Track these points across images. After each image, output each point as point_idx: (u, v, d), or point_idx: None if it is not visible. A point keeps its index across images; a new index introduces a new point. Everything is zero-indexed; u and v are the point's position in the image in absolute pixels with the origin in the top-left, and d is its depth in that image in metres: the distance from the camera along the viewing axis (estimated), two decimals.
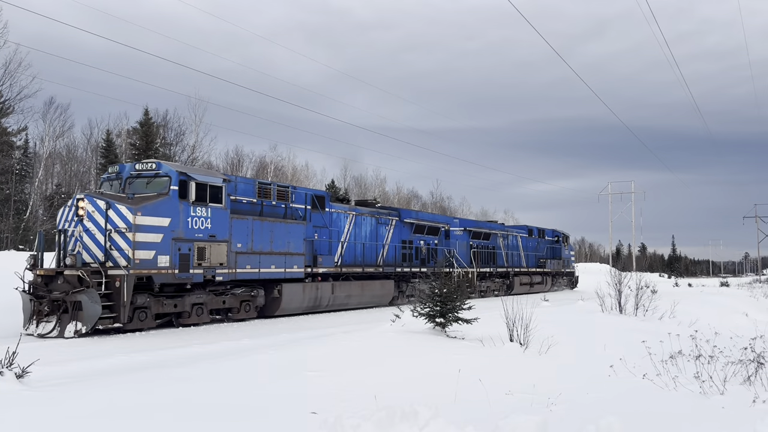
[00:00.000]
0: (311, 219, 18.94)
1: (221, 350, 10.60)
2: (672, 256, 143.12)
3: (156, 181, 14.37)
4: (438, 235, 26.58)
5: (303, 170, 63.93)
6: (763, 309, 20.95)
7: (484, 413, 4.74)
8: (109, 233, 13.25)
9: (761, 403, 6.45)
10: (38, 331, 12.66)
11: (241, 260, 15.93)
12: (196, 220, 14.67)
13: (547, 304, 20.58)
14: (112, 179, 15.06)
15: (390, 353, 9.00)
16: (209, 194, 15.03)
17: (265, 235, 16.76)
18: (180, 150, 47.29)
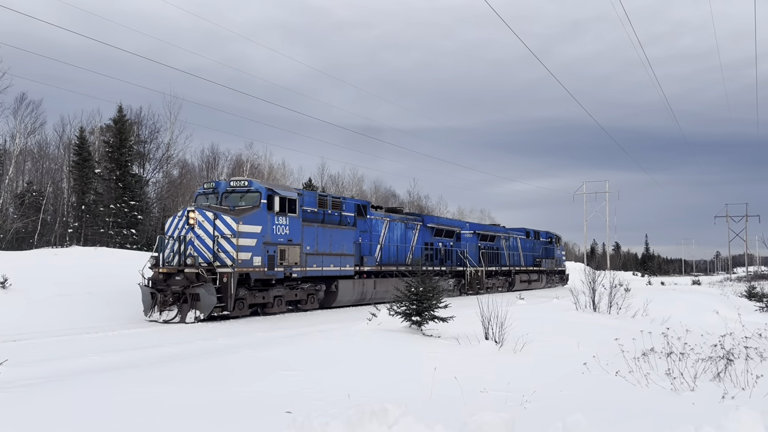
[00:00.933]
0: (357, 225, 22.03)
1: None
2: (645, 254, 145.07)
3: (248, 196, 17.39)
4: (453, 238, 29.60)
5: (279, 168, 63.61)
6: (733, 307, 21.30)
7: (458, 411, 4.75)
8: (217, 239, 16.12)
9: (730, 398, 6.56)
10: (162, 317, 15.49)
11: (310, 260, 19.09)
12: (278, 227, 17.83)
13: (523, 302, 20.73)
14: (208, 193, 18.02)
15: (366, 352, 8.97)
16: (288, 206, 18.19)
17: (326, 239, 19.94)
18: (155, 148, 46.76)
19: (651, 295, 21.52)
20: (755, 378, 7.17)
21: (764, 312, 20.98)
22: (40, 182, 42.88)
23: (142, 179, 44.02)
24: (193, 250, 16.11)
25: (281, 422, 3.52)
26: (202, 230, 16.20)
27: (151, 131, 46.64)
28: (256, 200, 17.26)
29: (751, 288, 30.97)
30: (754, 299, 26.96)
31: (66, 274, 18.44)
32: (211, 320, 15.90)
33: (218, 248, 16.09)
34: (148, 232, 42.29)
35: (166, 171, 48.33)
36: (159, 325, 14.96)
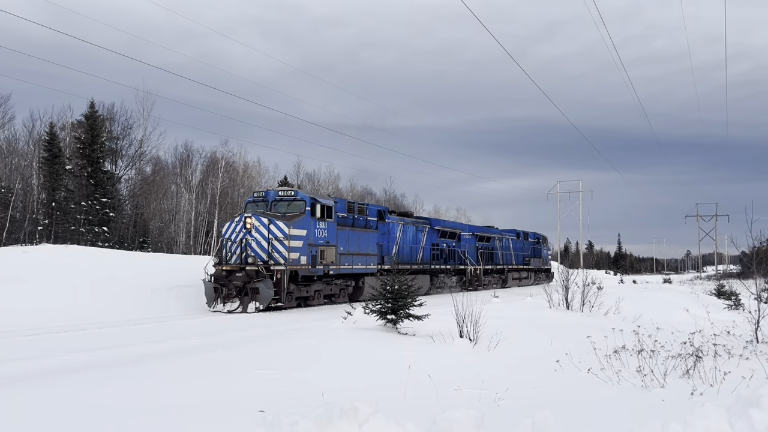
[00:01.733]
0: (379, 228, 24.51)
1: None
2: (618, 253, 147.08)
3: (294, 204, 19.91)
4: (455, 239, 32.12)
5: (255, 166, 63.18)
6: (702, 305, 21.66)
7: (431, 409, 4.76)
8: (271, 241, 18.55)
9: (699, 395, 6.66)
10: (226, 308, 17.96)
11: (342, 259, 21.50)
12: (319, 231, 20.26)
13: (497, 300, 20.84)
14: (258, 201, 20.56)
15: (341, 350, 8.94)
16: (326, 213, 20.65)
17: (354, 240, 22.42)
18: (127, 144, 46.14)
19: (623, 293, 21.80)
20: (723, 375, 7.29)
21: (732, 310, 21.37)
22: (9, 178, 42.01)
23: (114, 176, 43.42)
24: (250, 250, 18.64)
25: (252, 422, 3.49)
26: (258, 234, 18.74)
27: (124, 127, 46.07)
28: (302, 208, 19.82)
29: (720, 286, 31.55)
30: (722, 297, 27.44)
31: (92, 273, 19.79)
32: (268, 311, 18.21)
33: (272, 249, 18.58)
34: (120, 230, 41.72)
35: (138, 168, 47.76)
36: (223, 314, 17.55)
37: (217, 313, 17.55)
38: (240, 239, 18.79)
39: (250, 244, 18.67)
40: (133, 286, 19.05)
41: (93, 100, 41.09)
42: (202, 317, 16.67)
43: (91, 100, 40.95)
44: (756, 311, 12.17)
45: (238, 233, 18.96)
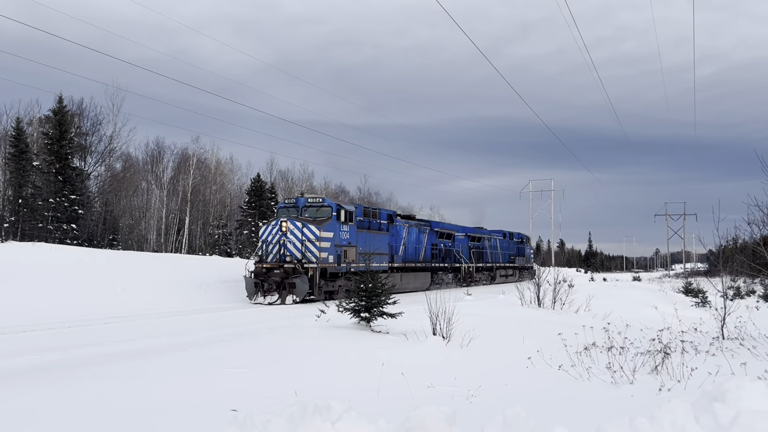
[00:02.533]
0: (389, 230, 26.96)
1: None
2: (588, 251, 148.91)
3: (322, 209, 22.48)
4: (450, 239, 34.59)
5: (227, 163, 62.64)
6: (671, 302, 22.06)
7: (404, 406, 4.77)
8: (304, 242, 21.04)
9: (666, 391, 6.78)
10: (267, 300, 20.43)
11: (361, 258, 23.71)
12: (343, 233, 22.76)
13: (470, 298, 20.97)
14: (289, 207, 23.16)
15: (315, 349, 8.92)
16: (349, 217, 23.22)
17: (370, 241, 24.93)
18: (97, 140, 45.35)
19: (593, 290, 22.11)
20: (690, 371, 7.44)
21: (700, 307, 21.78)
22: None
23: (84, 173, 42.65)
24: (286, 251, 21.11)
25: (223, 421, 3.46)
26: (293, 236, 21.16)
27: (93, 123, 45.20)
28: (329, 213, 22.40)
29: (687, 284, 32.15)
30: (690, 295, 27.96)
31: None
32: (303, 303, 20.30)
33: (305, 249, 21.08)
34: (89, 227, 41.01)
35: (108, 164, 46.98)
36: (264, 306, 19.87)
37: (259, 305, 20.14)
38: (277, 240, 21.34)
39: (286, 245, 21.17)
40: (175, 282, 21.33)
41: (61, 96, 40.28)
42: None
43: (60, 95, 40.14)
44: (722, 308, 12.43)
45: (274, 235, 21.49)
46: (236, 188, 63.28)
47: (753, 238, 12.98)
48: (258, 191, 52.94)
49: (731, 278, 33.64)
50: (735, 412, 3.31)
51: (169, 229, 50.23)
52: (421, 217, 35.80)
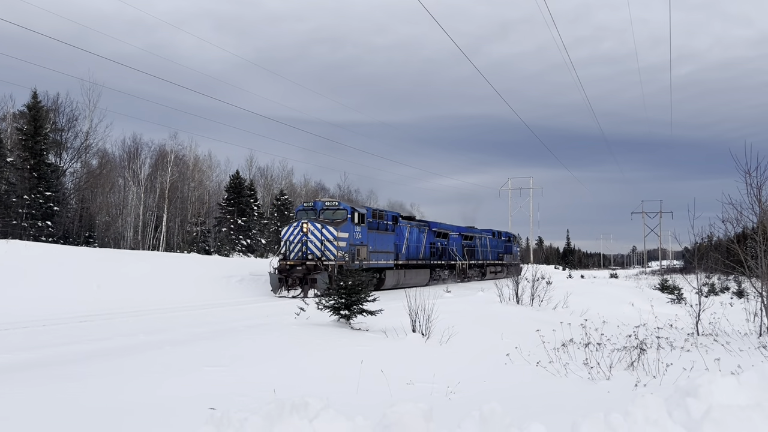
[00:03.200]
0: (394, 230, 28.95)
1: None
2: (567, 249, 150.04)
3: (339, 212, 24.61)
4: (446, 238, 36.59)
5: (206, 160, 62.16)
6: (647, 299, 22.36)
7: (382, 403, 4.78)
8: (323, 242, 23.01)
9: (642, 386, 6.87)
10: (291, 294, 22.37)
11: (371, 256, 25.97)
12: (356, 233, 24.79)
13: (450, 295, 21.06)
14: (308, 210, 25.29)
15: (293, 346, 8.90)
16: (361, 219, 25.34)
17: (379, 241, 26.96)
18: (72, 136, 44.69)
19: (571, 287, 22.33)
20: (665, 366, 7.54)
21: (675, 304, 22.10)
22: None
23: (59, 169, 42.02)
24: (307, 249, 23.13)
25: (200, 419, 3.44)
26: (313, 236, 23.18)
27: (69, 119, 44.52)
28: (345, 215, 24.48)
29: (663, 281, 32.60)
30: (666, 292, 28.35)
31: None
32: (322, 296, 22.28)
33: (324, 248, 23.06)
34: (65, 225, 40.45)
35: (84, 161, 46.31)
36: (288, 299, 21.63)
37: (283, 298, 22.04)
38: (298, 240, 23.38)
39: (307, 244, 23.23)
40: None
41: (36, 91, 39.63)
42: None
43: (34, 90, 39.48)
44: (697, 305, 12.62)
45: (296, 235, 23.53)
46: (215, 185, 62.86)
47: (727, 235, 13.19)
48: (237, 188, 52.61)
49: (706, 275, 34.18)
50: (707, 407, 3.37)
51: (147, 226, 49.71)
52: (415, 217, 38.11)
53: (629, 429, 3.25)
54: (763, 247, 11.31)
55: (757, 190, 11.40)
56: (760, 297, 11.73)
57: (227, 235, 50.01)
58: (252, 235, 51.74)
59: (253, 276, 25.60)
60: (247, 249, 50.13)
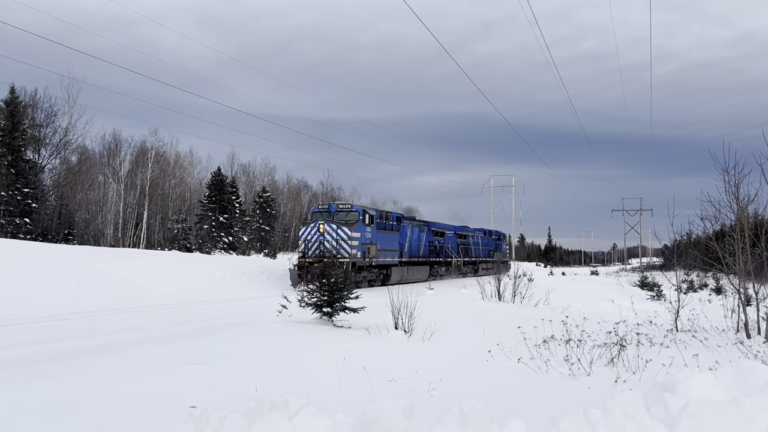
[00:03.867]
0: (399, 230, 30.94)
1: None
2: (548, 246, 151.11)
3: (351, 214, 26.85)
4: (443, 237, 38.85)
5: (187, 157, 61.68)
6: (627, 296, 22.60)
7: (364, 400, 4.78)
8: (338, 241, 25.05)
9: (622, 382, 6.94)
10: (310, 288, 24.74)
11: (380, 254, 28.01)
12: (367, 233, 26.78)
13: (432, 292, 21.12)
14: (323, 212, 27.58)
15: (275, 344, 8.86)
16: (371, 220, 27.37)
17: (385, 240, 28.93)
18: (51, 132, 44.12)
19: (552, 284, 22.48)
20: (645, 362, 7.63)
21: (655, 300, 22.35)
22: None
23: (37, 165, 41.44)
24: (324, 248, 25.14)
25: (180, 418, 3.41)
26: (329, 236, 25.28)
27: (48, 114, 43.95)
28: (357, 217, 26.65)
29: (643, 278, 32.96)
30: (646, 288, 28.66)
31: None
32: None
33: (339, 247, 25.06)
34: (43, 222, 39.93)
35: (63, 157, 45.74)
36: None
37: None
38: (316, 239, 25.59)
39: (324, 243, 25.36)
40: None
41: (13, 86, 39.06)
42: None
43: (12, 86, 38.92)
44: (676, 302, 12.77)
45: (313, 235, 25.76)
46: (196, 182, 62.41)
47: (706, 233, 13.36)
48: (218, 185, 52.27)
49: (685, 272, 34.59)
50: (684, 402, 3.41)
51: (127, 223, 49.22)
52: (415, 217, 39.71)
53: (608, 424, 3.28)
54: (741, 244, 11.48)
55: (735, 188, 11.56)
56: (738, 294, 11.90)
57: (209, 233, 49.68)
58: (234, 232, 51.46)
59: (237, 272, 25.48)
60: (228, 246, 49.83)
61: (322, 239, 25.44)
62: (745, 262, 11.50)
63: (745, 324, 11.38)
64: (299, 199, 76.85)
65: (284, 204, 72.13)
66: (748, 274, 11.68)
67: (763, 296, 11.57)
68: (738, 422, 3.27)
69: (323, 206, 28.49)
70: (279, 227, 66.53)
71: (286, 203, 72.91)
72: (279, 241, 64.11)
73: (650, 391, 3.71)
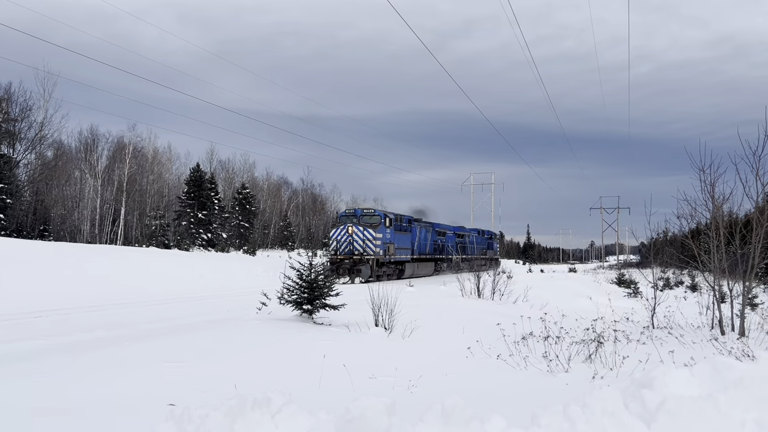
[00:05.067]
0: (410, 231, 35.11)
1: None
2: (527, 243, 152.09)
3: (375, 217, 30.97)
4: (444, 236, 43.17)
5: (165, 152, 61.06)
6: (604, 293, 22.83)
7: (345, 398, 4.78)
8: (365, 241, 29.42)
9: (599, 378, 7.03)
10: (341, 281, 26.63)
11: (396, 252, 32.40)
12: (387, 234, 31.01)
13: (412, 289, 21.15)
14: (350, 215, 31.46)
15: (256, 342, 8.83)
16: (390, 222, 31.62)
17: (400, 239, 33.17)
18: (26, 127, 43.38)
19: (531, 282, 22.65)
20: (622, 359, 7.72)
21: (632, 297, 22.61)
22: None
23: (12, 160, 40.72)
24: (353, 247, 29.65)
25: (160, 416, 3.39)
26: (357, 237, 29.71)
27: (22, 109, 43.16)
28: (379, 220, 30.87)
29: (620, 275, 33.33)
30: (623, 286, 28.99)
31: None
32: (366, 282, 26.94)
33: (366, 246, 29.61)
34: (18, 218, 39.28)
35: (39, 152, 45.00)
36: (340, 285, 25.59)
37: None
38: (345, 240, 29.94)
39: (353, 243, 29.69)
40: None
41: None
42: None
43: None
44: (652, 299, 12.95)
45: (343, 236, 30.11)
46: (174, 178, 61.83)
47: (682, 231, 13.57)
48: (197, 181, 51.80)
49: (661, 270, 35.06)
50: (661, 398, 3.46)
51: (104, 219, 48.62)
52: (422, 219, 43.44)
53: (587, 421, 3.32)
54: (716, 242, 11.66)
55: (710, 187, 11.74)
56: (713, 291, 12.10)
57: (187, 229, 49.24)
58: (213, 229, 51.06)
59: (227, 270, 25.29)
60: (207, 243, 49.45)
61: (351, 240, 29.72)
62: (720, 260, 11.69)
63: (719, 321, 11.57)
64: (279, 196, 76.53)
65: (264, 200, 71.77)
66: (722, 271, 11.88)
67: (738, 293, 11.77)
68: (714, 417, 3.33)
69: (350, 210, 32.71)
70: (258, 224, 66.19)
71: (266, 200, 72.56)
72: (258, 237, 63.78)
73: (628, 388, 3.76)
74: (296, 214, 77.95)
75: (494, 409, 3.79)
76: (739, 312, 11.37)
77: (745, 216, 12.82)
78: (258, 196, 68.39)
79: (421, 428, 2.93)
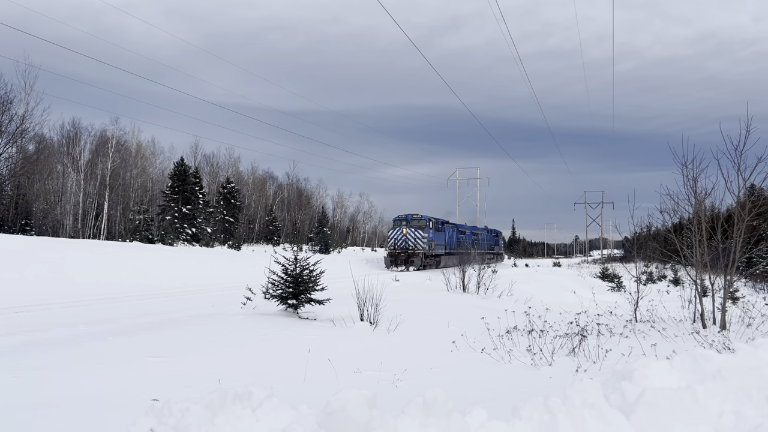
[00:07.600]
0: (443, 231, 43.83)
1: None
2: (512, 238, 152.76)
3: (421, 221, 39.87)
4: (464, 234, 51.31)
5: (149, 146, 60.57)
6: (588, 287, 23.01)
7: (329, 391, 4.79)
8: (415, 239, 38.61)
9: (583, 371, 7.09)
10: (399, 269, 37.66)
11: (436, 248, 41.25)
12: (430, 234, 39.83)
13: (398, 284, 21.18)
14: (402, 220, 40.13)
15: (240, 336, 8.80)
16: (432, 225, 40.52)
17: (437, 238, 41.88)
18: (7, 120, 42.80)
19: (516, 276, 22.78)
20: (605, 352, 7.79)
21: (615, 291, 22.80)
22: None
23: None
24: (407, 243, 38.37)
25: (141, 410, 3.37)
26: (410, 236, 38.54)
27: (3, 102, 42.56)
28: (425, 223, 39.69)
29: (604, 270, 33.58)
30: (606, 280, 29.21)
31: None
32: (418, 270, 35.78)
33: (416, 243, 38.31)
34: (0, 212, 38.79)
35: (20, 145, 44.44)
36: (397, 272, 34.74)
37: (393, 271, 36.18)
38: (401, 238, 38.83)
39: (407, 241, 38.55)
40: None
41: None
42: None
43: None
44: (635, 293, 13.06)
45: (399, 235, 39.07)
46: (158, 172, 61.36)
47: (665, 225, 13.68)
48: (181, 175, 51.47)
49: (644, 264, 35.37)
50: (641, 390, 3.50)
51: (87, 214, 48.16)
52: (449, 221, 50.44)
53: (567, 412, 3.35)
54: (698, 236, 11.78)
55: (693, 182, 11.86)
56: (695, 285, 12.23)
57: (171, 224, 48.93)
58: (197, 223, 50.79)
59: None
60: (192, 238, 49.18)
61: (405, 238, 38.85)
62: (702, 254, 11.82)
63: (701, 314, 11.70)
64: (264, 191, 76.22)
65: (249, 195, 71.45)
66: (704, 265, 12.01)
67: (719, 287, 11.91)
68: (692, 408, 3.37)
69: (402, 215, 41.09)
70: (243, 219, 65.91)
71: (251, 194, 72.25)
72: (243, 232, 63.51)
73: (609, 380, 3.80)
74: (282, 209, 77.73)
75: (476, 402, 3.82)
76: (721, 306, 11.51)
77: (727, 211, 12.97)
78: (243, 191, 68.08)
79: (403, 421, 2.94)
